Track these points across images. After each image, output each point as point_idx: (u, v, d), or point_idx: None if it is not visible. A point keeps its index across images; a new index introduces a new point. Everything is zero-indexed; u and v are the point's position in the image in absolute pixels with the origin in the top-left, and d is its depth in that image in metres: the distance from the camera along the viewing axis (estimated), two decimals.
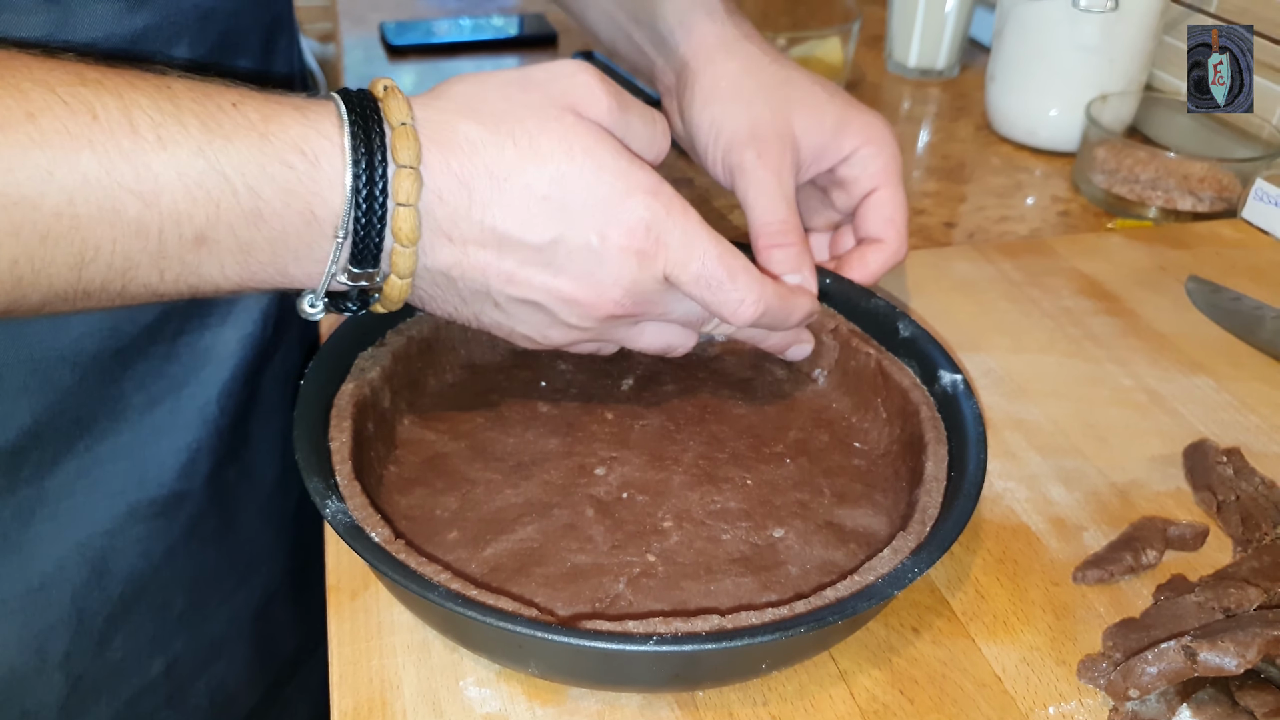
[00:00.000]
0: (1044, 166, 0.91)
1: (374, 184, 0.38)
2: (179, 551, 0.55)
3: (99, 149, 0.34)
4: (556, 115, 0.41)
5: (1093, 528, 0.50)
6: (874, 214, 0.56)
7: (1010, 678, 0.43)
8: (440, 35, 1.12)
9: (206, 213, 0.36)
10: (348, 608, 0.45)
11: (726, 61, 0.56)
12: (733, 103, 0.55)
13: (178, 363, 0.53)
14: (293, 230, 0.38)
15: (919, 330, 0.52)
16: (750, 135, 0.54)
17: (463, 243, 0.40)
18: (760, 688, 0.42)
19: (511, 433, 0.51)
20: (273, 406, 0.59)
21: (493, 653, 0.41)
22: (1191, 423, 0.57)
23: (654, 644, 0.36)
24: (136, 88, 0.35)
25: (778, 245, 0.52)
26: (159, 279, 0.37)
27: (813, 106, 0.55)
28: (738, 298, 0.44)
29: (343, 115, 0.38)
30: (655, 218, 0.41)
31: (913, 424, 0.49)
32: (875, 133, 0.56)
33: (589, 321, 0.44)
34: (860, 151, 0.56)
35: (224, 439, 0.56)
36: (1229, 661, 0.39)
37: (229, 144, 0.36)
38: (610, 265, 0.41)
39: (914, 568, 0.40)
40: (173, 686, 0.56)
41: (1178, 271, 0.72)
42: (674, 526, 0.46)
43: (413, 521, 0.45)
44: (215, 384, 0.54)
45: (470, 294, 0.42)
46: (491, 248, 0.40)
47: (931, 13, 1.04)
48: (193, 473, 0.54)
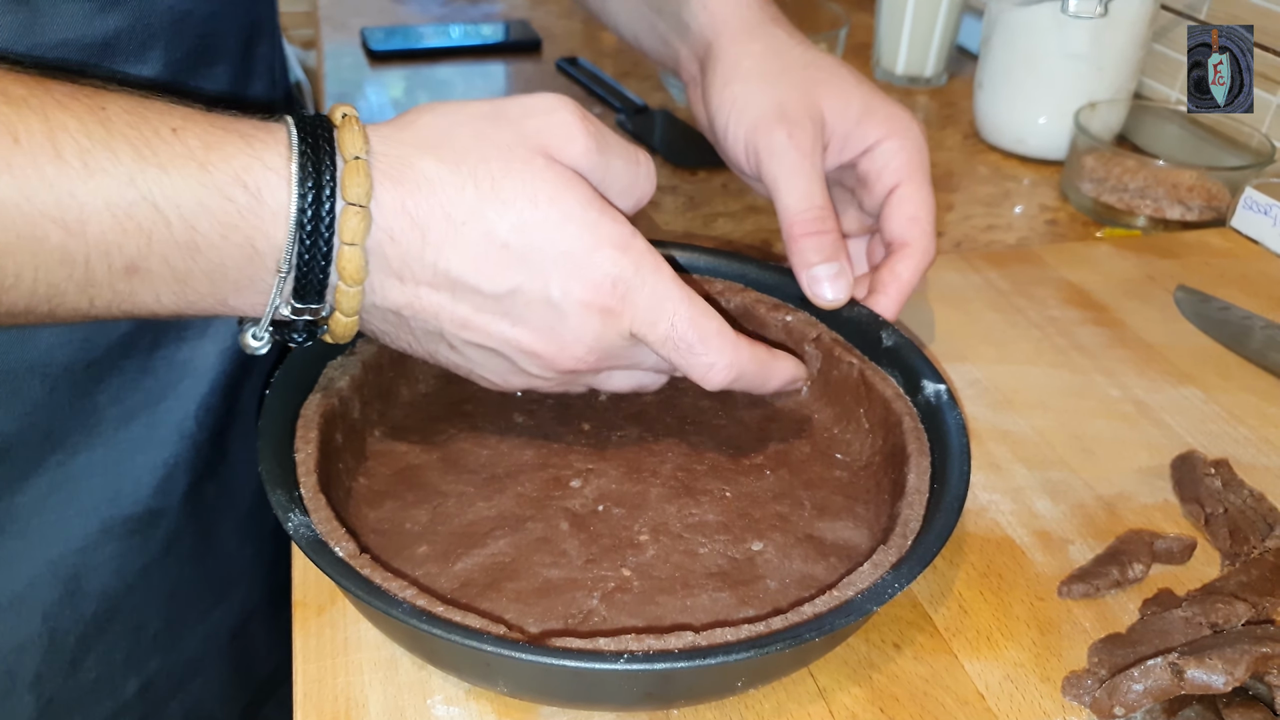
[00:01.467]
0: (1032, 175, 0.91)
1: (319, 220, 0.36)
2: (155, 570, 0.53)
3: (18, 174, 0.32)
4: (525, 157, 0.38)
5: (1079, 541, 0.49)
6: (897, 212, 0.53)
7: (993, 695, 0.42)
8: (425, 41, 1.11)
9: (138, 244, 0.34)
10: (313, 623, 0.44)
11: (750, 42, 0.54)
12: (758, 82, 0.53)
13: (154, 376, 0.51)
14: (232, 263, 0.36)
15: (903, 340, 0.51)
16: (779, 115, 0.51)
17: (415, 283, 0.38)
18: (737, 705, 0.41)
19: (485, 444, 0.50)
20: (251, 421, 0.58)
21: (460, 671, 0.40)
22: (1179, 434, 0.57)
23: (625, 662, 0.35)
24: (66, 108, 0.33)
25: (812, 234, 0.50)
26: (89, 305, 0.35)
27: (839, 90, 0.53)
28: (708, 361, 0.42)
29: (293, 145, 0.36)
30: (622, 274, 0.39)
31: (895, 435, 0.48)
32: (900, 125, 0.53)
33: (550, 373, 0.42)
34: (884, 144, 0.53)
35: (202, 454, 0.54)
36: (1217, 679, 0.38)
37: (163, 174, 0.34)
38: (572, 321, 0.39)
39: (895, 582, 0.39)
40: (147, 707, 0.55)
41: (1166, 281, 0.71)
42: (650, 540, 0.45)
43: (381, 535, 0.44)
44: (194, 398, 0.53)
45: (423, 334, 0.41)
46: (445, 291, 0.39)
47: (919, 20, 1.03)
48: (169, 489, 0.53)
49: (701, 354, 0.41)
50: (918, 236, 0.52)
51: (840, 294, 0.51)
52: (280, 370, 0.46)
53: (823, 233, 0.50)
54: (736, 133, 0.53)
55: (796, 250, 0.51)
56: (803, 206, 0.51)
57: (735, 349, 0.42)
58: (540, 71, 1.09)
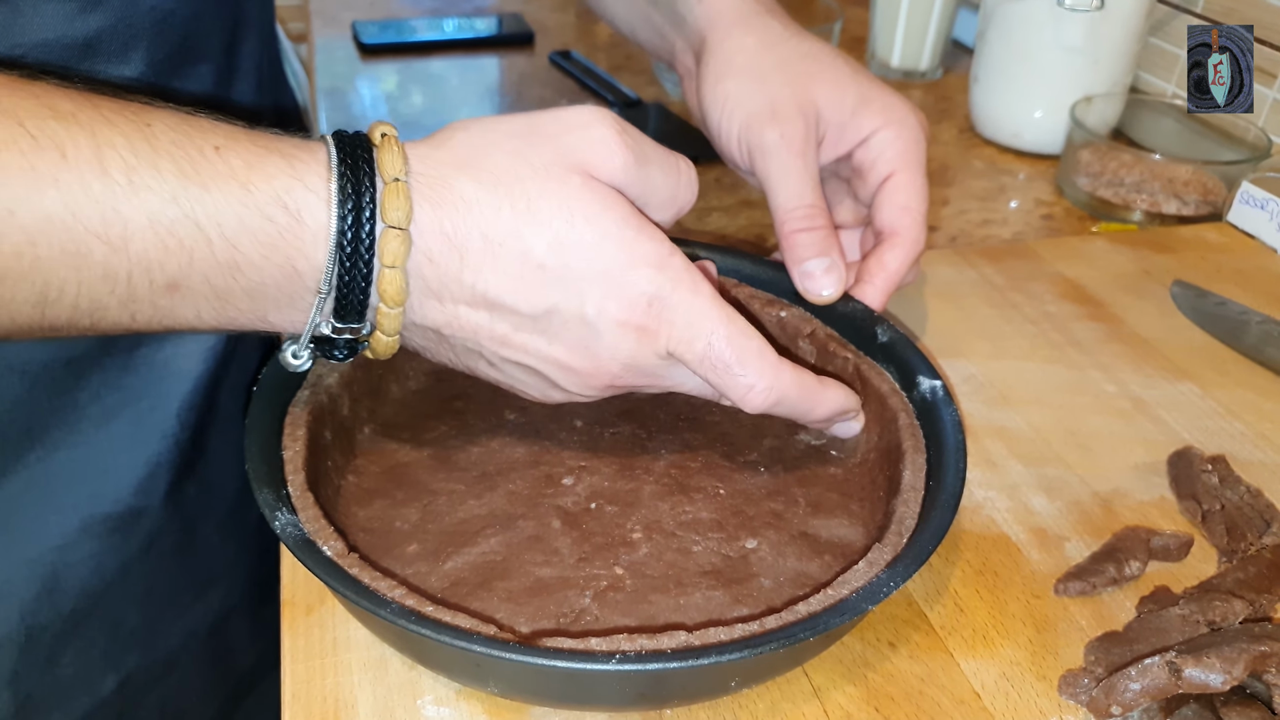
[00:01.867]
0: (1027, 169, 0.90)
1: (359, 243, 0.35)
2: (134, 568, 0.53)
3: (65, 190, 0.32)
4: (560, 176, 0.38)
5: (1075, 538, 0.49)
6: (889, 201, 0.52)
7: (989, 694, 0.41)
8: (418, 35, 1.10)
9: (179, 261, 0.34)
10: (302, 623, 0.43)
11: (744, 36, 0.54)
12: (750, 78, 0.52)
13: (135, 375, 0.51)
14: (272, 282, 0.36)
15: (898, 335, 0.51)
16: (771, 113, 0.51)
17: (454, 303, 0.38)
18: (730, 705, 0.41)
19: (477, 441, 0.49)
20: (231, 417, 0.58)
21: (450, 671, 0.40)
22: (1176, 430, 0.56)
23: (617, 663, 0.35)
24: (112, 124, 0.33)
25: (803, 229, 0.50)
26: (130, 319, 0.35)
27: (834, 82, 0.52)
28: (747, 383, 0.41)
29: (332, 166, 0.36)
30: (659, 292, 0.39)
31: (891, 431, 0.48)
32: (897, 114, 0.52)
33: (588, 390, 0.42)
34: (880, 134, 0.52)
35: (183, 453, 0.54)
36: (1215, 678, 0.38)
37: (205, 193, 0.34)
38: (607, 339, 0.39)
39: (890, 580, 0.38)
40: (125, 703, 0.54)
41: (1162, 276, 0.70)
42: (643, 538, 0.44)
43: (371, 534, 0.44)
44: (176, 397, 0.53)
45: (463, 351, 0.41)
46: (483, 310, 0.38)
47: (914, 13, 1.03)
48: (150, 488, 0.53)
49: (740, 375, 0.41)
50: (908, 226, 0.52)
51: (833, 288, 0.51)
52: (268, 367, 0.46)
53: (814, 228, 0.50)
54: (730, 129, 0.53)
55: (789, 246, 0.51)
56: (795, 204, 0.51)
57: (776, 372, 0.41)
58: (533, 65, 1.09)
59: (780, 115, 0.51)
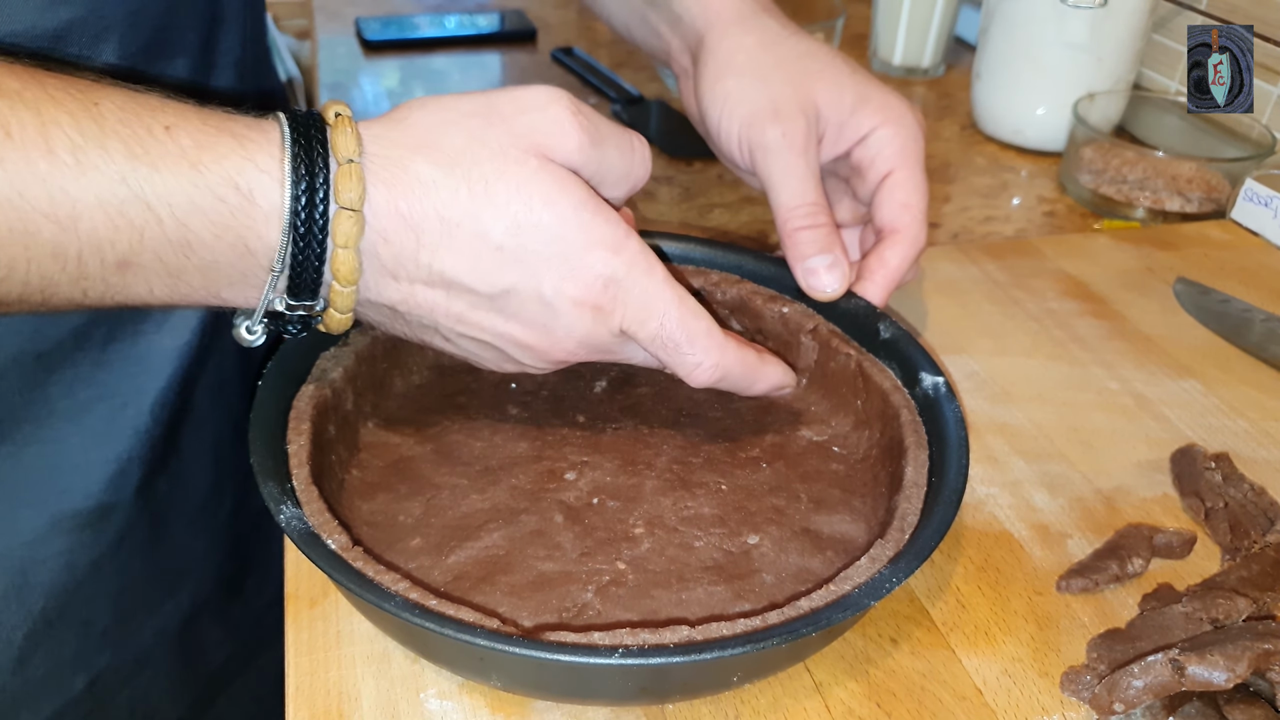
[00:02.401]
0: (1030, 166, 0.90)
1: (313, 223, 0.35)
2: (105, 565, 0.52)
3: (10, 169, 0.32)
4: (518, 159, 0.38)
5: (1077, 535, 0.49)
6: (889, 198, 0.52)
7: (991, 690, 0.41)
8: (420, 31, 1.10)
9: (129, 240, 0.34)
10: (306, 616, 0.43)
11: (743, 35, 0.54)
12: (750, 77, 0.53)
13: (108, 370, 0.50)
14: (225, 260, 0.36)
15: (900, 332, 0.51)
16: (773, 111, 0.52)
17: (409, 282, 0.38)
18: (732, 700, 0.41)
19: (479, 436, 0.49)
20: (206, 415, 0.57)
21: (453, 665, 0.40)
22: (1179, 427, 0.56)
23: (619, 657, 0.35)
24: (59, 103, 0.33)
25: (806, 227, 0.51)
26: (82, 295, 0.35)
27: (833, 81, 0.53)
28: (694, 361, 0.42)
29: (286, 146, 0.36)
30: (614, 274, 0.39)
31: (893, 428, 0.48)
32: (895, 112, 0.53)
33: (541, 363, 0.42)
34: (878, 132, 0.52)
35: (155, 449, 0.53)
36: (1218, 675, 0.38)
37: (155, 172, 0.33)
38: (564, 319, 0.40)
39: (892, 576, 0.38)
40: (95, 702, 0.54)
41: (1165, 273, 0.70)
42: (645, 533, 0.44)
43: (374, 528, 0.44)
44: (149, 393, 0.52)
45: (419, 326, 0.41)
46: (440, 289, 0.39)
47: (917, 10, 1.02)
48: (122, 484, 0.52)
49: (688, 353, 0.42)
50: (908, 224, 0.52)
51: (837, 284, 0.51)
52: (273, 361, 0.46)
53: (817, 226, 0.51)
54: (730, 128, 0.53)
55: (792, 244, 0.51)
56: (797, 201, 0.51)
57: (722, 350, 0.43)
58: (535, 62, 1.09)
59: (782, 114, 0.51)
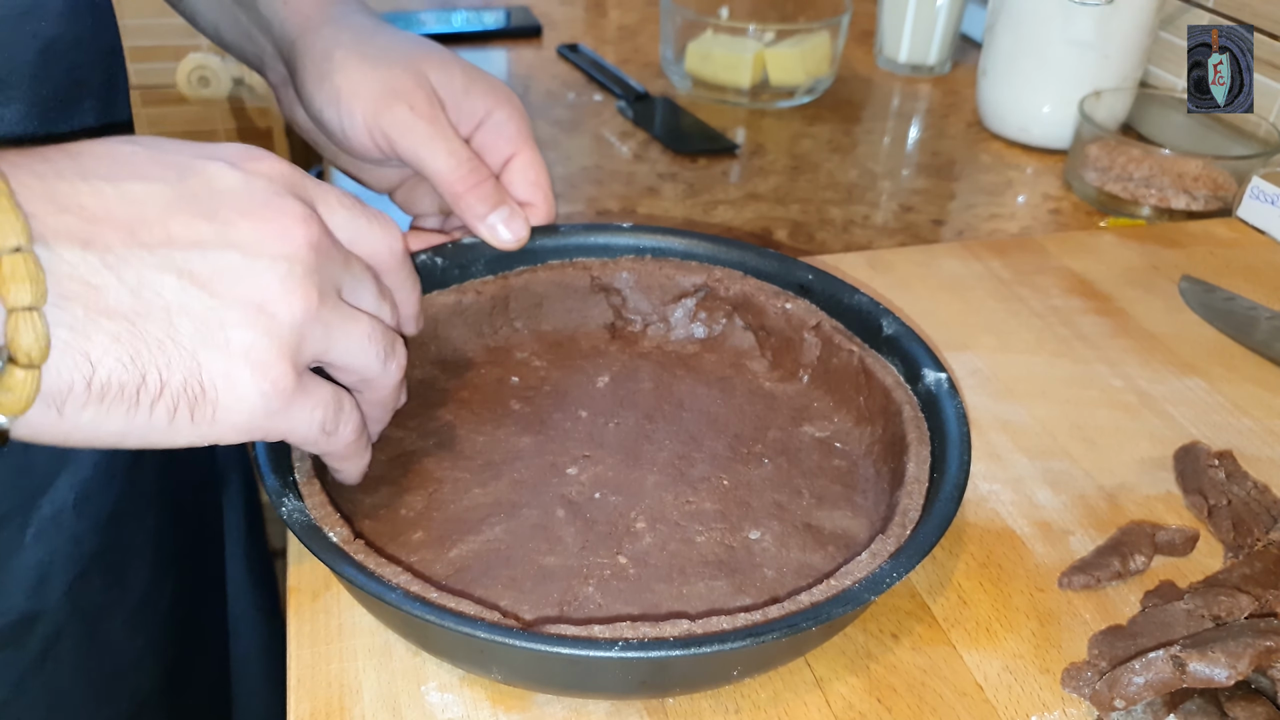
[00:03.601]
0: (1035, 164, 0.90)
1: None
2: (31, 680, 0.49)
3: None
4: None
5: (1080, 532, 0.49)
6: (521, 178, 0.54)
7: (992, 686, 0.41)
8: (426, 28, 1.10)
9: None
10: (308, 609, 0.44)
11: (338, 33, 0.51)
12: (358, 67, 0.50)
13: (29, 477, 0.47)
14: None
15: (903, 328, 0.51)
16: (393, 93, 0.50)
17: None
18: (733, 694, 0.41)
19: (482, 430, 0.49)
20: (146, 500, 0.54)
21: (454, 657, 0.40)
22: (1183, 425, 0.56)
23: (620, 650, 0.35)
24: None
25: (472, 187, 0.50)
26: None
27: (440, 64, 0.52)
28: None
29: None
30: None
31: (895, 424, 0.48)
32: (503, 95, 0.53)
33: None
34: (495, 115, 0.53)
35: (83, 546, 0.50)
36: (1219, 673, 0.38)
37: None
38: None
39: (893, 572, 0.38)
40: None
41: (1171, 271, 0.70)
42: (647, 528, 0.44)
43: (376, 521, 0.44)
44: (71, 487, 0.49)
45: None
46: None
47: (923, 7, 1.02)
48: (44, 591, 0.49)
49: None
50: (541, 200, 0.54)
51: (520, 232, 0.53)
52: None
53: (482, 182, 0.51)
54: (354, 122, 0.50)
55: (465, 206, 0.51)
56: (453, 164, 0.50)
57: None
58: (541, 58, 1.09)
59: (401, 92, 0.50)
